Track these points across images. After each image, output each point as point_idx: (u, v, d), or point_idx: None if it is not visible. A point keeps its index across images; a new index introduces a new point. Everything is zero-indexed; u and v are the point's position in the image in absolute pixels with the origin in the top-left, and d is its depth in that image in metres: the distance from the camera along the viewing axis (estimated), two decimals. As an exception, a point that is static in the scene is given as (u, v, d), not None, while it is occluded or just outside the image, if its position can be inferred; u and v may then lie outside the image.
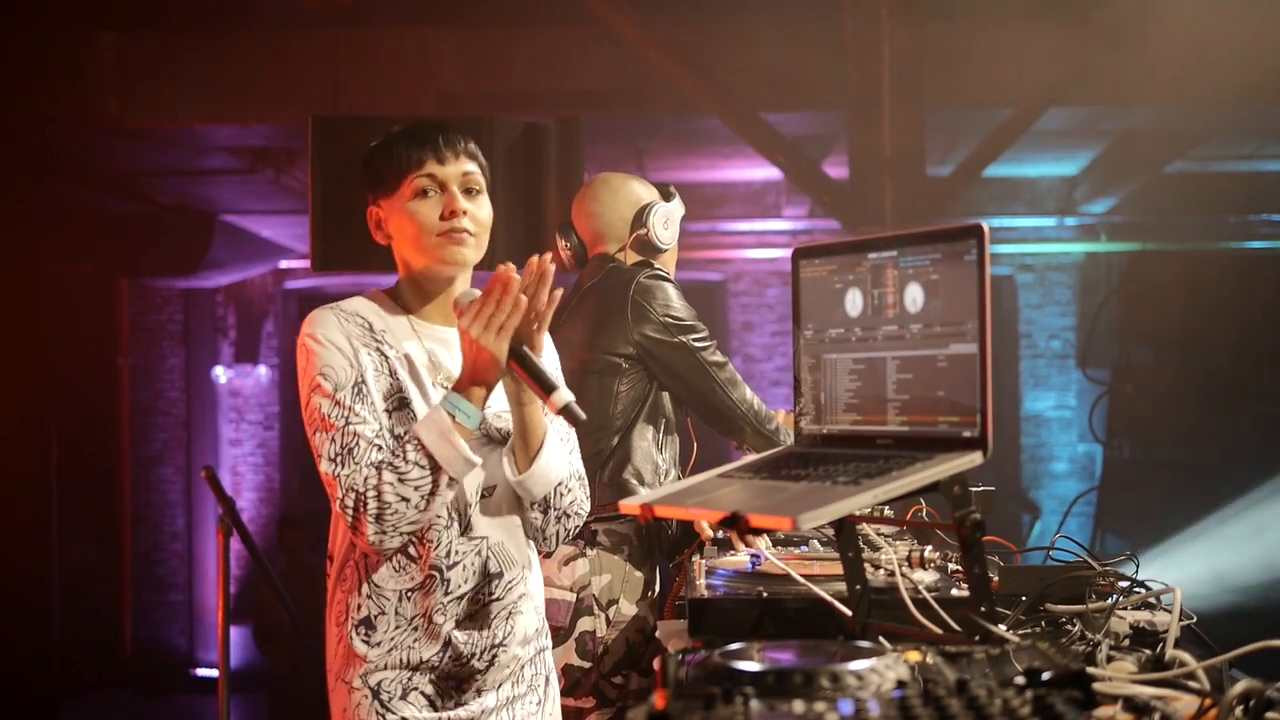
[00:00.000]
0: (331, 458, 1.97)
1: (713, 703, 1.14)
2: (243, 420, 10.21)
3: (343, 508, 1.94)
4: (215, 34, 6.36)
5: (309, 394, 2.01)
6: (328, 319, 2.06)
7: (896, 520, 2.36)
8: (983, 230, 1.60)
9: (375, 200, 2.12)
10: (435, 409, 1.96)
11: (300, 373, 2.05)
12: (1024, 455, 9.90)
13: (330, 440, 1.97)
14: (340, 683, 2.07)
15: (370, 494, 1.93)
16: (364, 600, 2.04)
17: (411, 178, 2.06)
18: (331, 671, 2.10)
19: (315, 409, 2.00)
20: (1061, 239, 9.60)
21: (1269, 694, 1.18)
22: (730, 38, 6.19)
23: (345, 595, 2.06)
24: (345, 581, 2.06)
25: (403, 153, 2.07)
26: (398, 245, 2.12)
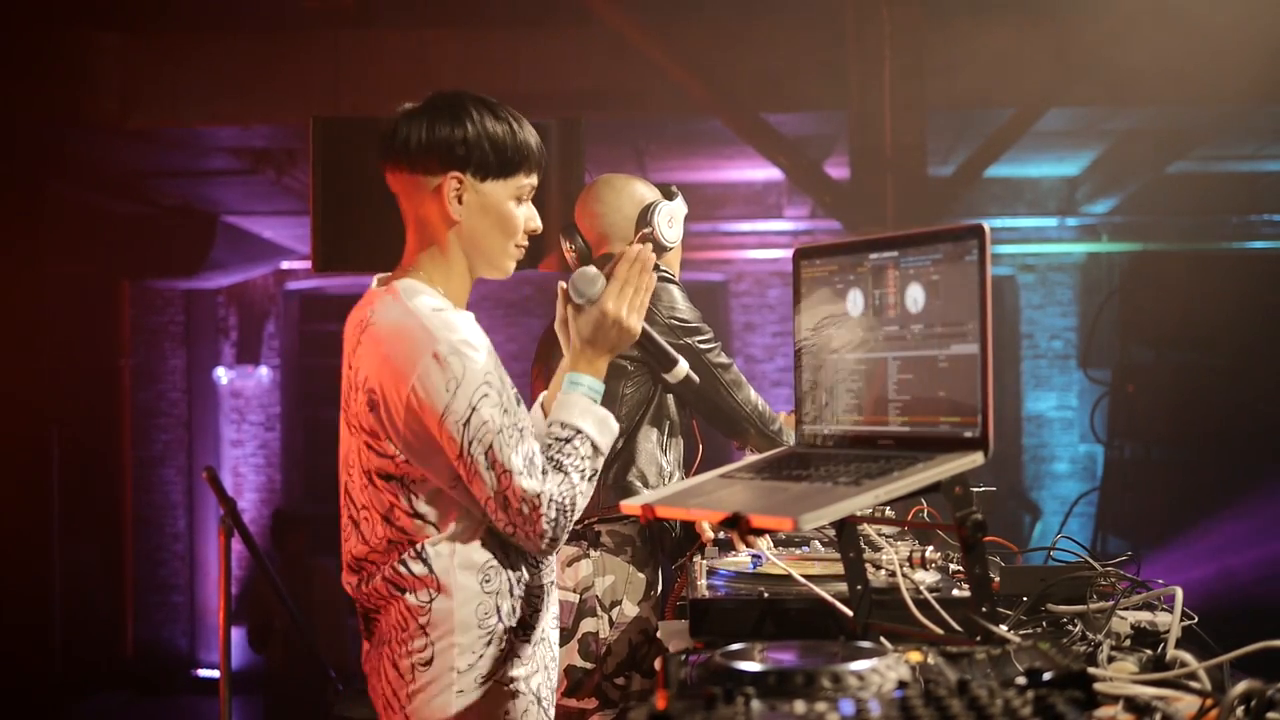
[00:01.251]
0: (523, 471, 1.88)
1: (714, 703, 1.14)
2: (244, 421, 10.21)
3: (548, 523, 1.88)
4: (216, 35, 6.36)
5: (473, 405, 1.87)
6: (464, 321, 1.93)
7: (897, 521, 2.36)
8: (984, 231, 1.60)
9: (468, 172, 1.99)
10: (574, 395, 1.98)
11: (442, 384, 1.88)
12: (1025, 455, 9.90)
13: (515, 453, 1.87)
14: (495, 685, 1.98)
15: (567, 499, 1.90)
16: (516, 601, 1.99)
17: (524, 177, 2.03)
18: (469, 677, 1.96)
19: (487, 421, 1.87)
20: (1063, 239, 9.60)
21: (1270, 694, 1.18)
22: (731, 38, 6.19)
23: (490, 598, 1.97)
24: (489, 584, 1.97)
25: (529, 150, 2.03)
26: (468, 227, 2.01)
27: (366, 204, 3.07)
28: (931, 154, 5.93)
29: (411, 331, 1.92)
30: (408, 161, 2.00)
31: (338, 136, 3.12)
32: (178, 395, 10.05)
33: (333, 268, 3.12)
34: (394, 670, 2.00)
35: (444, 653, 1.96)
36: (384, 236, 2.98)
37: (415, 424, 1.92)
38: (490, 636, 1.97)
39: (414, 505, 1.96)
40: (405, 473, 1.96)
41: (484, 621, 1.97)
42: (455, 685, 1.96)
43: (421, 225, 2.04)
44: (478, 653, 1.97)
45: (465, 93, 2.06)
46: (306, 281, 10.19)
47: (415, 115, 2.02)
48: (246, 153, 7.31)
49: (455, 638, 1.96)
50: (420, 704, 1.98)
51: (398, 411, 1.93)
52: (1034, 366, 9.99)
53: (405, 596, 1.98)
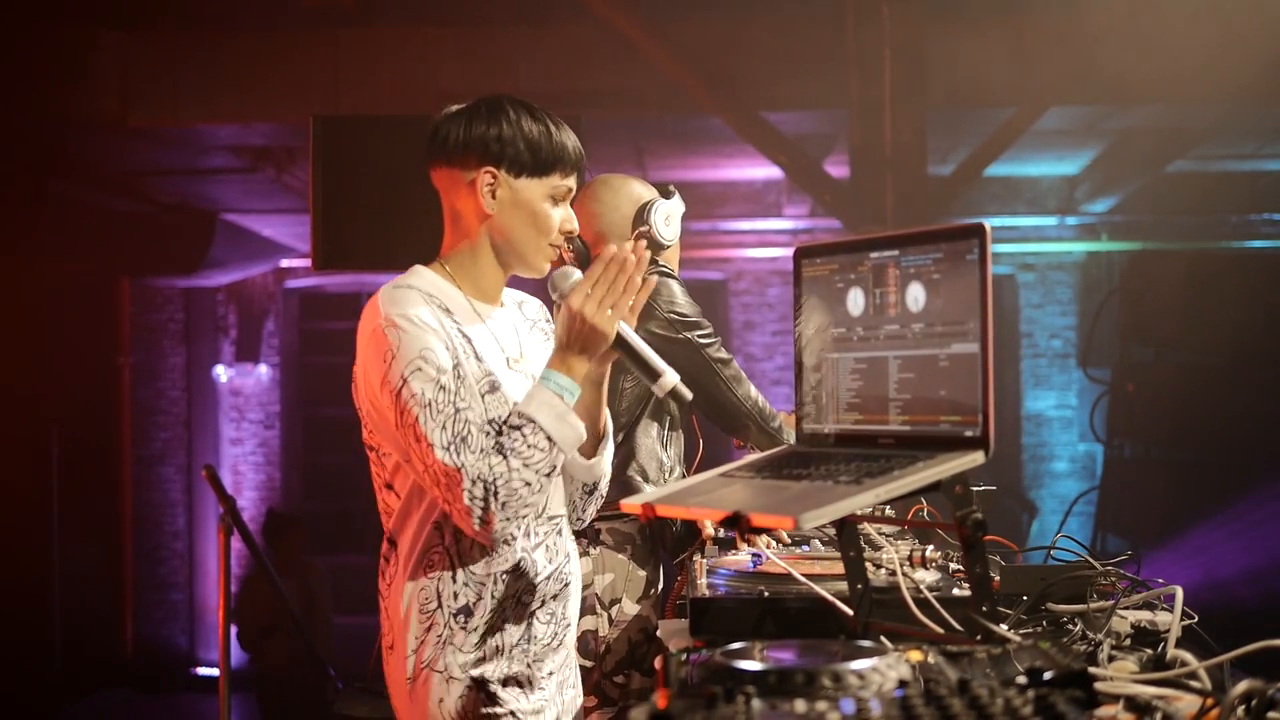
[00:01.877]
0: (446, 446, 1.89)
1: (714, 702, 1.14)
2: (243, 419, 10.21)
3: (470, 499, 1.88)
4: (216, 33, 6.36)
5: (402, 379, 1.92)
6: (413, 297, 1.98)
7: (898, 520, 2.36)
8: (984, 230, 1.60)
9: (503, 168, 2.03)
10: (539, 389, 1.97)
11: (380, 356, 1.94)
12: (1025, 455, 9.90)
13: (440, 428, 1.90)
14: (432, 672, 2.01)
15: (499, 481, 1.89)
16: (459, 587, 2.00)
17: (559, 178, 2.07)
18: (411, 662, 2.02)
19: (416, 395, 1.91)
20: (1062, 238, 9.61)
21: (1271, 694, 1.18)
22: (731, 37, 6.19)
23: (431, 583, 2.00)
24: (427, 569, 2.00)
25: (565, 150, 2.07)
26: (500, 222, 2.06)
27: (366, 202, 3.07)
28: (931, 153, 5.93)
29: (370, 307, 2.01)
30: (446, 157, 2.07)
31: (338, 135, 3.12)
32: (177, 393, 10.04)
33: (332, 266, 3.12)
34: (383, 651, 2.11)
35: (399, 638, 2.04)
36: (384, 235, 2.98)
37: (370, 395, 1.99)
38: (429, 622, 2.01)
39: (386, 476, 2.05)
40: (377, 445, 2.05)
41: (424, 607, 2.01)
42: (406, 670, 2.03)
43: (456, 219, 2.10)
44: (419, 638, 2.02)
45: (508, 96, 2.12)
46: (306, 280, 10.18)
47: (458, 114, 2.09)
48: (246, 151, 7.31)
49: (404, 623, 2.03)
50: (390, 686, 2.08)
51: (358, 384, 2.03)
52: (1033, 366, 9.99)
53: (381, 579, 2.08)
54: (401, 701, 2.05)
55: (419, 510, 2.01)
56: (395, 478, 2.03)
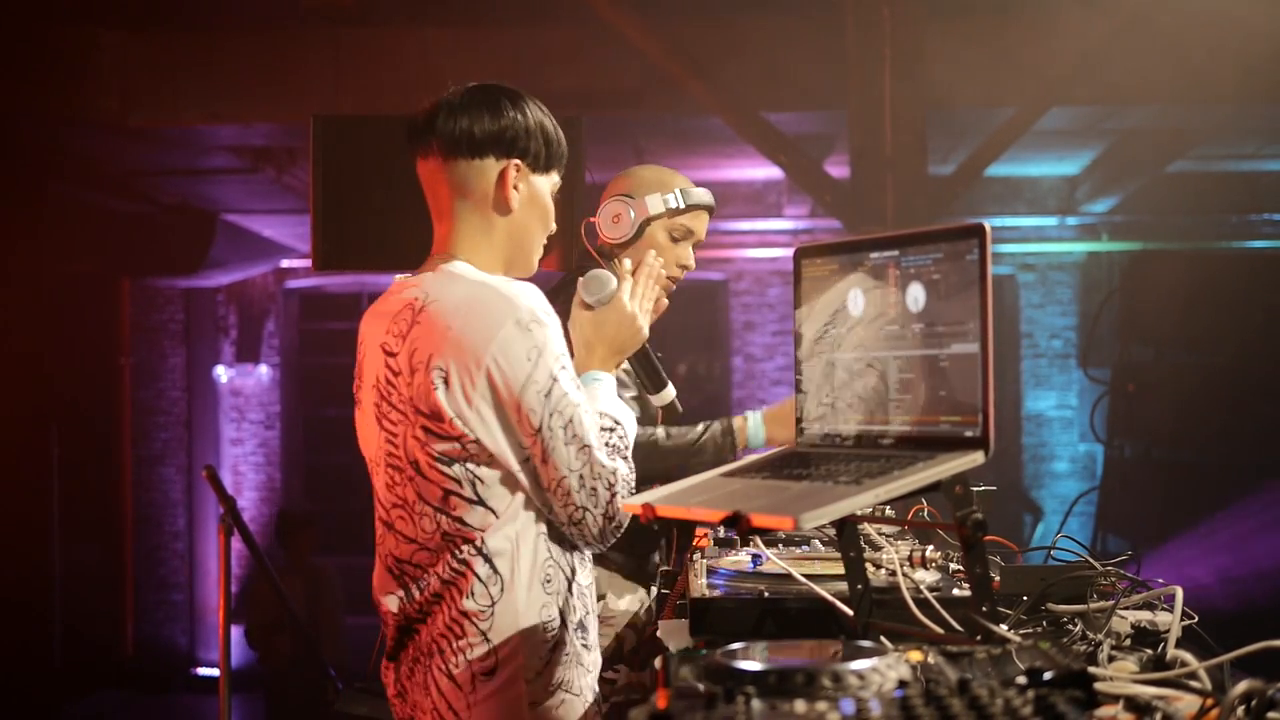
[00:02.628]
0: (601, 448, 1.86)
1: (714, 702, 1.14)
2: (244, 419, 10.21)
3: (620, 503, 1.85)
4: (216, 34, 6.36)
5: (552, 379, 1.83)
6: (533, 290, 1.88)
7: (898, 520, 2.36)
8: (984, 230, 1.60)
9: (526, 161, 1.97)
10: (601, 387, 1.96)
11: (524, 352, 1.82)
12: (1025, 455, 9.90)
13: (593, 429, 1.85)
14: (566, 694, 1.92)
15: (632, 486, 1.89)
16: (576, 601, 1.95)
17: (557, 174, 2.04)
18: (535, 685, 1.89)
19: (567, 395, 1.84)
20: (1063, 238, 9.61)
21: (1271, 694, 1.18)
22: (731, 37, 6.19)
23: (553, 600, 1.91)
24: (549, 584, 1.90)
25: (564, 149, 2.04)
26: (519, 217, 1.99)
27: (367, 203, 3.07)
28: (931, 153, 5.94)
29: (490, 300, 1.84)
30: (470, 148, 1.95)
31: (338, 135, 3.12)
32: (177, 394, 10.05)
33: (333, 266, 3.12)
34: (449, 682, 1.88)
35: (509, 660, 1.87)
36: (384, 235, 2.98)
37: (493, 397, 1.83)
38: (555, 641, 1.91)
39: (478, 491, 1.86)
40: (473, 454, 1.85)
41: (548, 625, 1.90)
42: (525, 695, 1.88)
43: (470, 213, 1.97)
44: (544, 658, 1.90)
45: (504, 85, 2.06)
46: (306, 280, 10.19)
47: (472, 103, 1.98)
48: (246, 151, 7.32)
49: (522, 643, 1.87)
50: (485, 716, 1.87)
51: (473, 384, 1.82)
52: (1034, 366, 10.00)
53: (462, 600, 1.87)
54: None
55: (526, 523, 1.89)
56: (495, 493, 1.86)
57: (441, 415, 1.84)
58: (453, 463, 1.86)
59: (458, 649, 1.87)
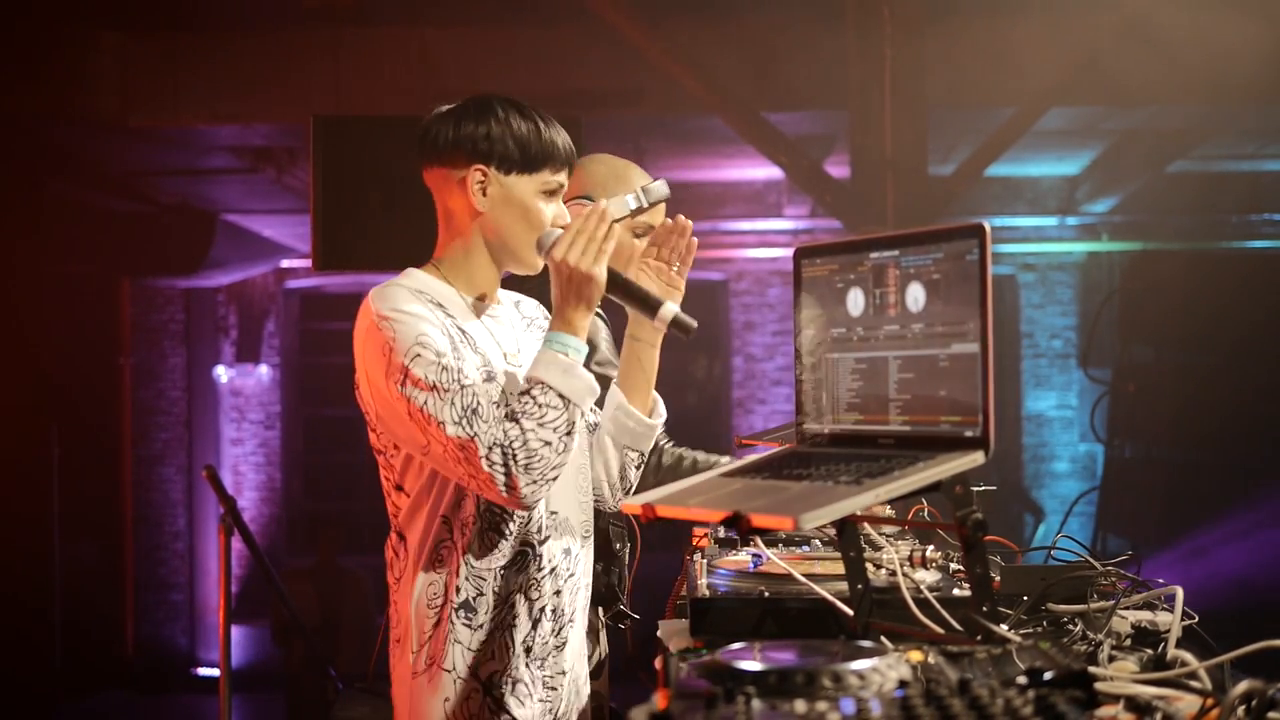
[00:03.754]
0: (457, 420, 1.91)
1: (714, 702, 1.14)
2: (244, 419, 10.21)
3: (489, 465, 1.89)
4: (216, 34, 6.36)
5: (404, 369, 1.93)
6: (399, 293, 2.00)
7: (898, 520, 2.36)
8: (984, 230, 1.60)
9: (492, 165, 2.05)
10: (543, 352, 1.99)
11: (379, 351, 1.96)
12: (1025, 455, 9.90)
13: (449, 404, 1.91)
14: (440, 669, 2.02)
15: (517, 444, 1.90)
16: (462, 582, 2.02)
17: (550, 173, 2.08)
18: (418, 657, 2.04)
19: (420, 380, 1.92)
20: (1063, 238, 9.61)
21: (1271, 694, 1.18)
22: (731, 37, 6.19)
23: (440, 578, 2.02)
24: (436, 565, 2.02)
25: (554, 146, 2.07)
26: (492, 219, 2.07)
27: (367, 203, 3.07)
28: (931, 153, 5.93)
29: (362, 310, 2.03)
30: (437, 157, 2.08)
31: (338, 135, 3.12)
32: (178, 394, 10.05)
33: (333, 266, 3.12)
34: (390, 645, 2.11)
35: (405, 631, 2.06)
36: (384, 235, 2.98)
37: (373, 393, 2.01)
38: (437, 617, 2.03)
39: (396, 477, 2.06)
40: (385, 446, 2.06)
41: (432, 602, 2.03)
42: (412, 666, 2.05)
43: (449, 218, 2.11)
44: (427, 633, 2.04)
45: (497, 95, 2.13)
46: (306, 280, 10.19)
47: (447, 114, 2.10)
48: (246, 151, 7.32)
49: (411, 616, 2.04)
50: (395, 681, 2.09)
51: (363, 384, 2.03)
52: (1034, 366, 10.00)
53: (388, 574, 2.10)
54: (405, 695, 2.06)
55: (427, 505, 2.03)
56: (405, 477, 2.04)
57: (365, 411, 2.06)
58: (380, 453, 2.08)
59: (389, 618, 2.11)
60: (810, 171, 6.08)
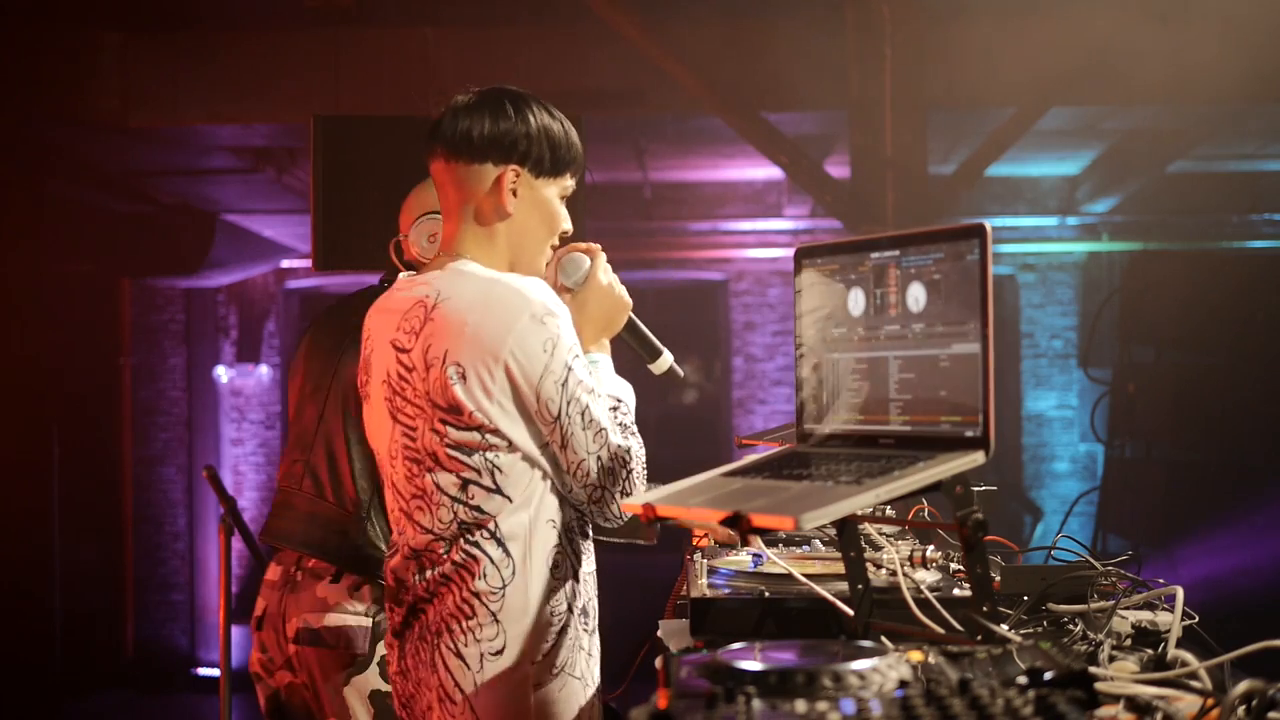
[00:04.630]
0: (615, 429, 1.93)
1: (715, 702, 1.14)
2: (244, 420, 10.21)
3: (637, 477, 1.93)
4: (216, 34, 6.36)
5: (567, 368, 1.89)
6: (543, 285, 1.94)
7: (898, 520, 2.36)
8: (985, 230, 1.60)
9: (526, 167, 2.01)
10: (604, 369, 2.02)
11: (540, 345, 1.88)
12: (1025, 455, 9.90)
13: (604, 413, 1.93)
14: (569, 678, 1.97)
15: (644, 460, 1.96)
16: (580, 588, 2.01)
17: (569, 178, 2.07)
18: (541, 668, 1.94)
19: (583, 382, 1.91)
20: (1063, 238, 9.60)
21: (1271, 694, 1.18)
22: (731, 37, 6.18)
23: (560, 586, 1.96)
24: (557, 570, 1.95)
25: (577, 152, 2.07)
26: (519, 221, 2.02)
27: (367, 203, 3.06)
28: (931, 154, 5.93)
29: (504, 296, 1.90)
30: (468, 153, 2.00)
31: (339, 135, 3.11)
32: (178, 394, 10.05)
33: (333, 266, 3.11)
34: (457, 660, 1.93)
35: (517, 641, 1.92)
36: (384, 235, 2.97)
37: (511, 389, 1.89)
38: (561, 625, 1.96)
39: (496, 480, 1.91)
40: (493, 444, 1.90)
41: (555, 609, 1.95)
42: (531, 677, 1.93)
43: (470, 217, 2.02)
44: (550, 641, 1.95)
45: (515, 89, 2.09)
46: (307, 280, 10.19)
47: (476, 108, 2.03)
48: (247, 151, 7.31)
49: (530, 625, 1.92)
50: (491, 695, 1.92)
51: (492, 378, 1.88)
52: (1034, 366, 9.99)
53: (474, 581, 1.92)
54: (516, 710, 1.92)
55: (539, 510, 1.94)
56: (511, 480, 1.91)
57: (461, 409, 1.89)
58: (472, 453, 1.91)
59: (467, 629, 1.92)
60: (810, 171, 6.08)
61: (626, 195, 8.97)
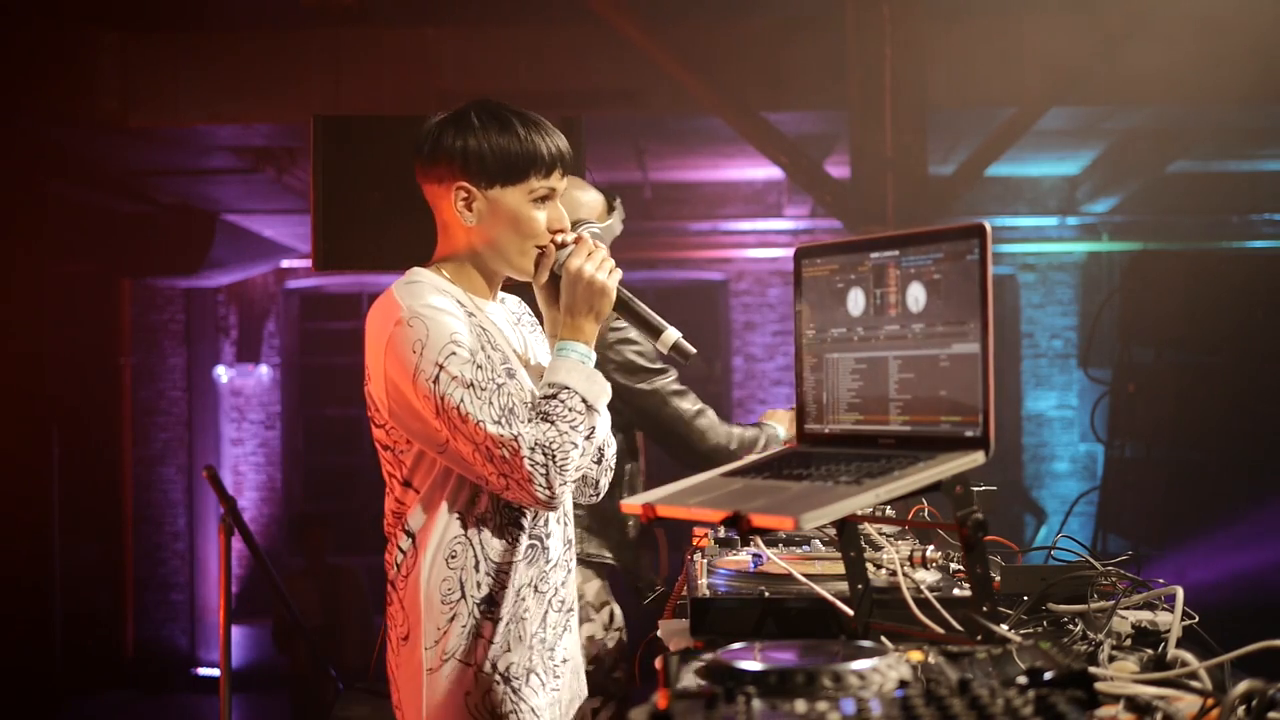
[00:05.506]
0: (497, 419, 1.93)
1: (715, 702, 1.14)
2: (244, 420, 10.21)
3: (532, 465, 1.93)
4: (216, 34, 6.36)
5: (438, 366, 1.94)
6: (426, 290, 2.02)
7: (898, 520, 2.36)
8: (985, 230, 1.60)
9: (476, 180, 2.05)
10: (560, 358, 2.03)
11: (408, 346, 1.96)
12: (1025, 455, 9.90)
13: (487, 403, 1.94)
14: (457, 662, 2.03)
15: (554, 445, 1.94)
16: (482, 577, 2.04)
17: (535, 180, 2.07)
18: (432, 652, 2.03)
19: (456, 378, 1.94)
20: (1063, 238, 9.60)
21: (1271, 694, 1.18)
22: (731, 37, 6.19)
23: (454, 574, 2.03)
24: (450, 560, 2.03)
25: (539, 150, 2.06)
26: (483, 232, 2.07)
27: (367, 203, 3.06)
28: (932, 153, 5.93)
29: (383, 305, 2.03)
30: (424, 171, 2.11)
31: (339, 135, 3.12)
32: (178, 394, 10.04)
33: (333, 266, 3.12)
34: (390, 643, 2.10)
35: (414, 627, 2.04)
36: (384, 235, 2.98)
37: (394, 390, 2.01)
38: (453, 612, 2.03)
39: (405, 474, 2.05)
40: (394, 441, 2.05)
41: (447, 597, 2.03)
42: (425, 662, 2.04)
43: (444, 229, 2.14)
44: (441, 629, 2.03)
45: (477, 102, 2.11)
46: (307, 280, 10.19)
47: (436, 125, 2.10)
48: (247, 151, 7.31)
49: (422, 612, 2.03)
50: (403, 679, 2.07)
51: (379, 381, 2.03)
52: (1034, 366, 9.99)
53: (390, 571, 2.08)
54: (414, 692, 2.05)
55: (441, 502, 2.03)
56: (415, 473, 2.04)
57: (374, 407, 2.07)
58: (387, 449, 2.08)
59: (390, 614, 2.10)
60: (810, 171, 6.08)
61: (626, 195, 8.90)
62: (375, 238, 3.01)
